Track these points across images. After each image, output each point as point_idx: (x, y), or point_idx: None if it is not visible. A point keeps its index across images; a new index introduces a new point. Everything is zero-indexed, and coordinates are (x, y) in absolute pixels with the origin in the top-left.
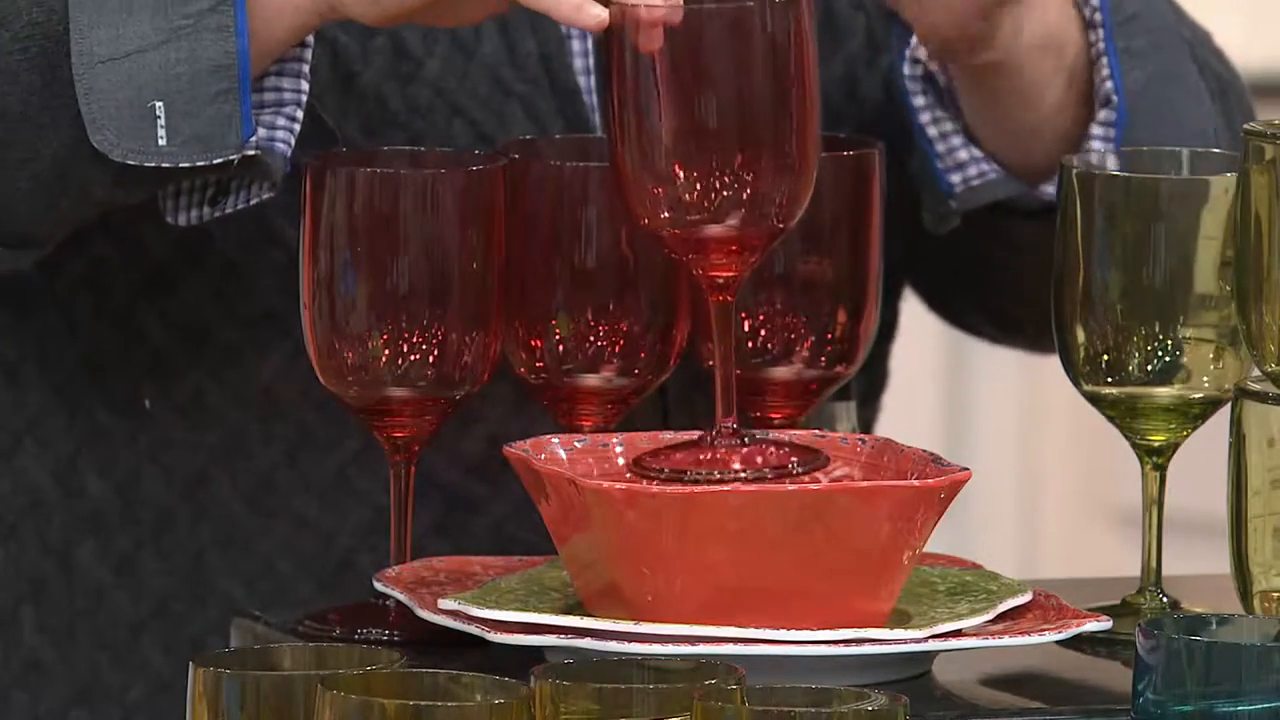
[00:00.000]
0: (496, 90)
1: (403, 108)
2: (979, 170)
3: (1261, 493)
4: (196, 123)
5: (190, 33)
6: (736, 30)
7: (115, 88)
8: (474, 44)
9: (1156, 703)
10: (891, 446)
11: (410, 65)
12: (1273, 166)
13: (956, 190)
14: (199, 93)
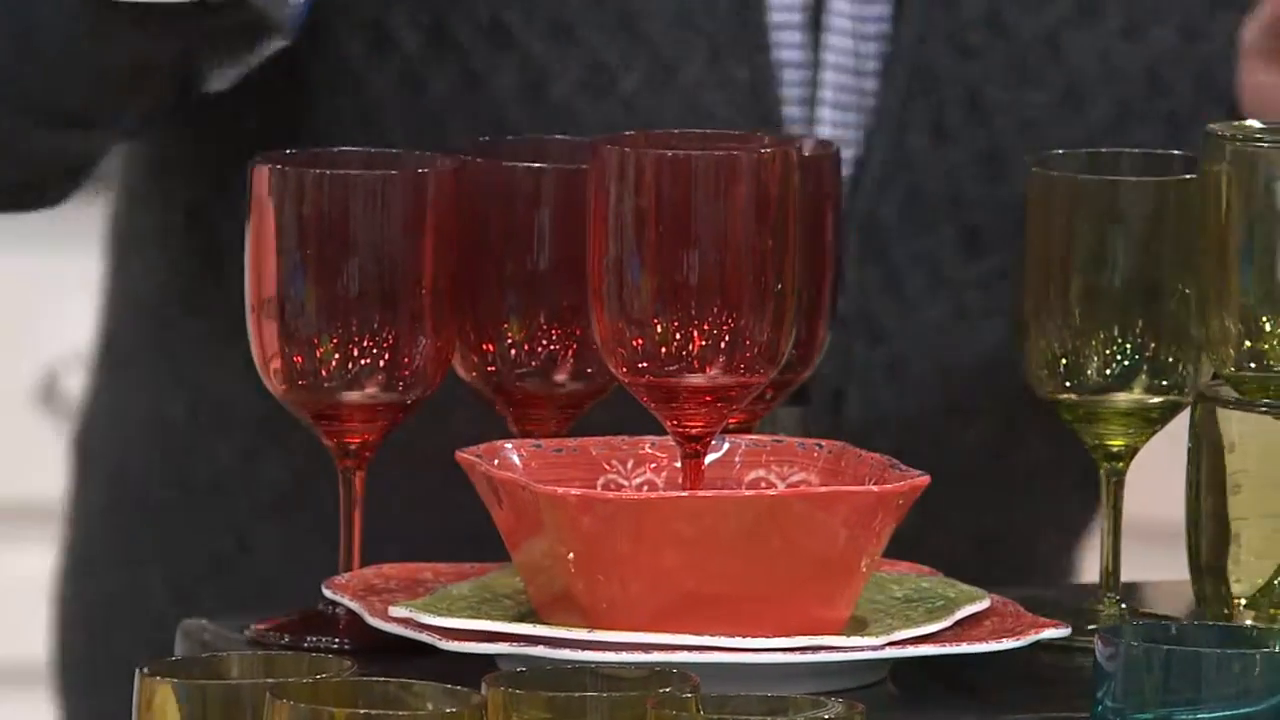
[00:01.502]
0: (694, 115)
1: (593, 124)
2: None
3: (1212, 493)
4: None
5: None
6: (724, 178)
7: None
8: (676, 65)
9: (1115, 710)
10: (849, 452)
11: (604, 79)
12: (1234, 168)
13: None
14: None
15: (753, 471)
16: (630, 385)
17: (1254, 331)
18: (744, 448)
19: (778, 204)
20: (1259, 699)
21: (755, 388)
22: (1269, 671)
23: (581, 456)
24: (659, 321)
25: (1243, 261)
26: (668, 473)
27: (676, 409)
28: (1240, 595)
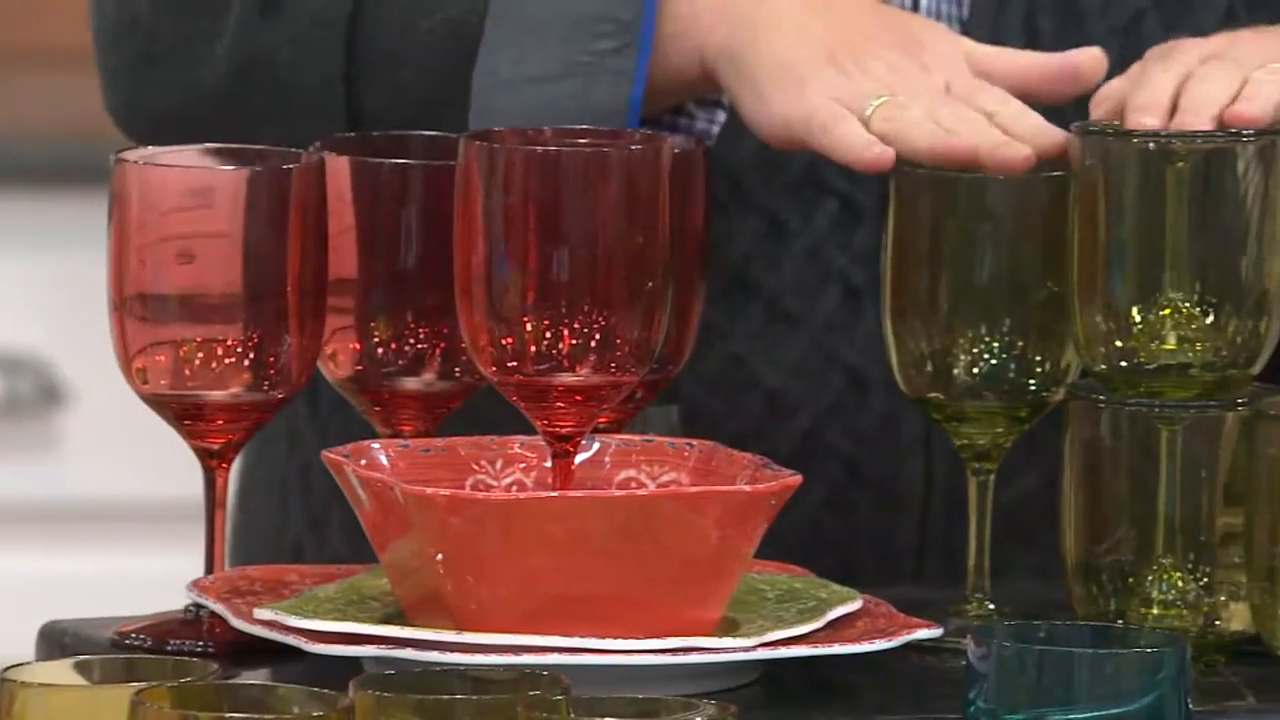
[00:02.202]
0: None
1: None
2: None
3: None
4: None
5: (589, 70)
6: (594, 175)
7: (507, 115)
8: None
9: (987, 711)
10: (720, 451)
11: None
12: (1103, 166)
13: None
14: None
15: (623, 471)
16: (500, 385)
17: (1124, 329)
18: (614, 447)
19: (648, 201)
20: (1131, 699)
21: (626, 387)
22: (1141, 672)
23: (450, 456)
24: (529, 320)
25: (1113, 259)
26: (537, 473)
27: (546, 408)
28: (1112, 594)
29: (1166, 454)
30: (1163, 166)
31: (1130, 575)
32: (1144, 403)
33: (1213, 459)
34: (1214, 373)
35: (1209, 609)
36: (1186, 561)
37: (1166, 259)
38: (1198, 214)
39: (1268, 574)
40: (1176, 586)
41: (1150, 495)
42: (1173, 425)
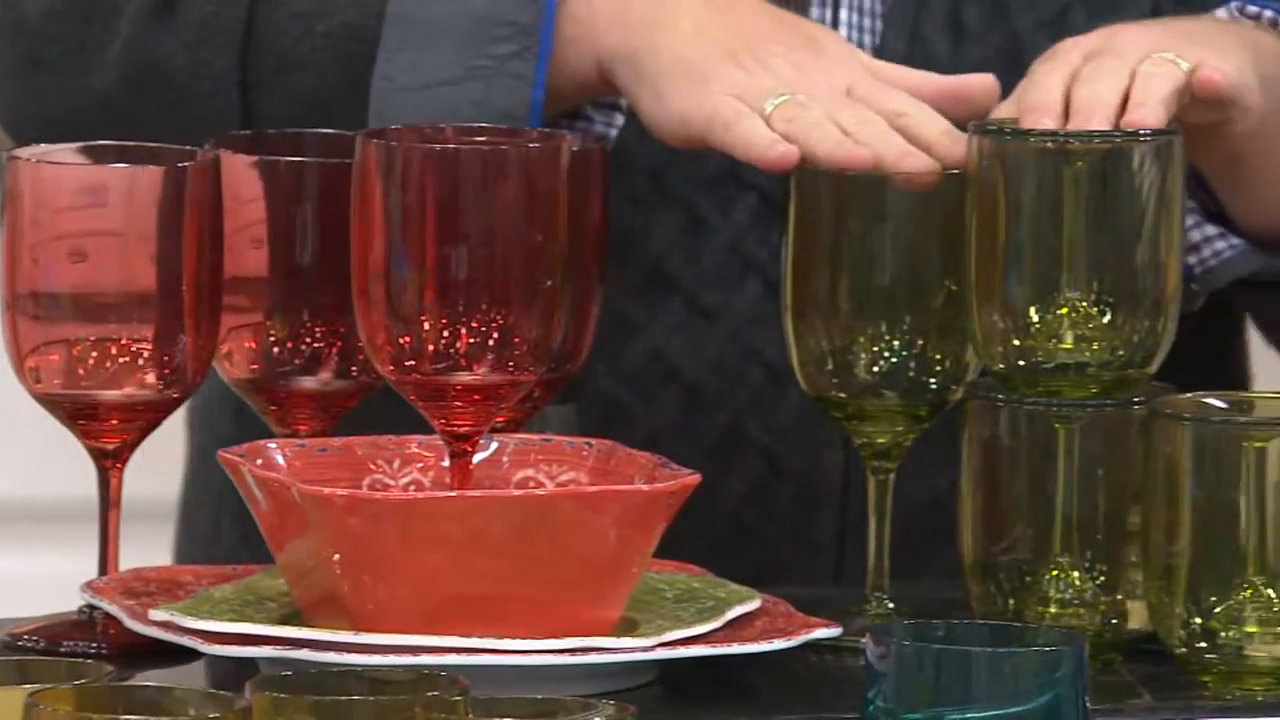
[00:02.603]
0: None
1: None
2: (1213, 250)
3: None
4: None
5: (488, 74)
6: (492, 173)
7: (405, 120)
8: None
9: (886, 710)
10: (619, 451)
11: None
12: (1000, 166)
13: (1195, 272)
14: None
15: (521, 471)
16: (397, 384)
17: (1022, 329)
18: (512, 447)
19: (546, 199)
20: (1029, 698)
21: (524, 386)
22: (1039, 670)
23: (346, 456)
24: (426, 319)
25: (1010, 259)
26: (435, 472)
27: (444, 408)
28: (1010, 593)
29: (1064, 453)
30: (1059, 166)
31: (1028, 574)
32: (1042, 402)
33: (1110, 458)
34: (1111, 372)
35: (1106, 607)
36: (1084, 560)
37: (1064, 259)
38: (1095, 214)
39: (1164, 573)
40: (1074, 585)
41: (1048, 494)
42: (1070, 424)
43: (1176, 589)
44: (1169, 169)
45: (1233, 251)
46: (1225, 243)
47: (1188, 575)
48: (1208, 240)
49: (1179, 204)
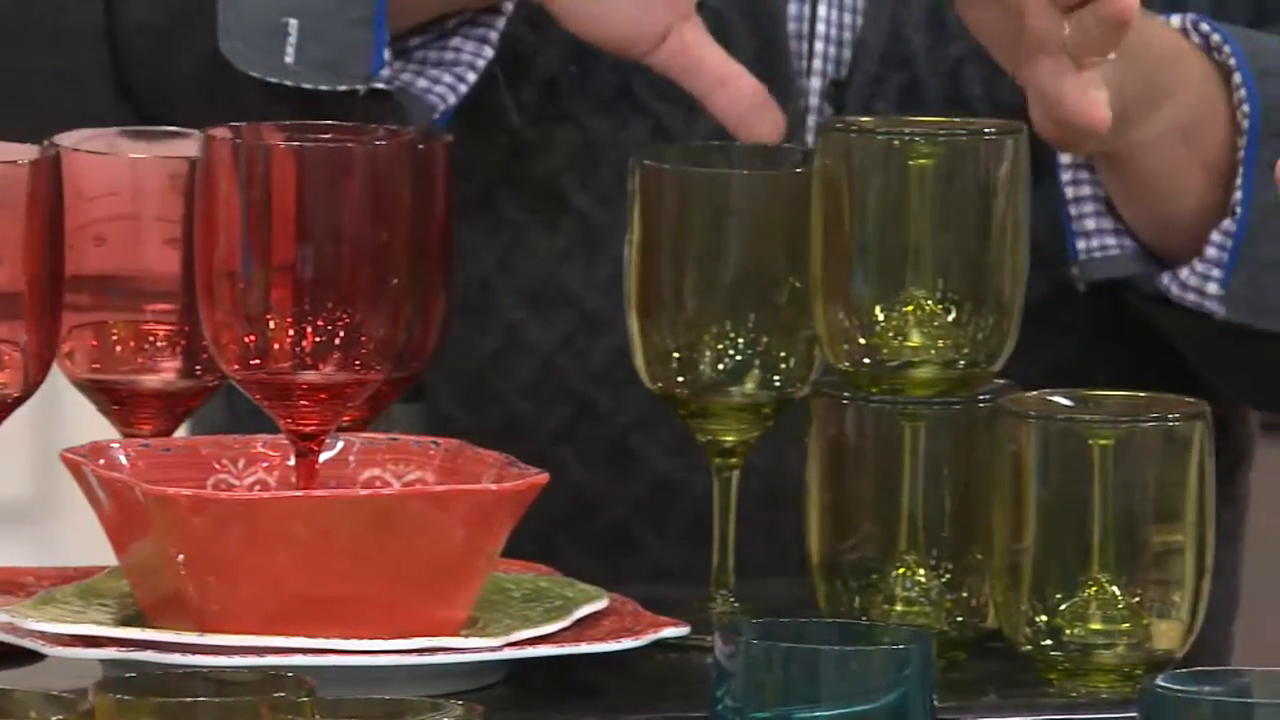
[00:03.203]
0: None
1: None
2: (1101, 243)
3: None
4: (326, 47)
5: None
6: (338, 170)
7: (254, 17)
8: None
9: (734, 709)
10: (467, 450)
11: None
12: (846, 163)
13: (1080, 257)
14: (334, 17)
15: (368, 470)
16: (242, 383)
17: (867, 326)
18: (359, 446)
19: (392, 196)
20: (877, 696)
21: (371, 385)
22: (886, 669)
23: (190, 455)
24: (272, 317)
25: (856, 256)
26: (280, 472)
27: (290, 407)
28: (857, 591)
29: (910, 451)
30: (905, 163)
31: (874, 572)
32: (888, 400)
33: (956, 456)
34: (957, 370)
35: (952, 605)
36: (930, 558)
37: (909, 256)
38: (940, 211)
39: (1010, 570)
40: (920, 583)
41: (894, 492)
42: (916, 422)
43: (1022, 586)
44: (1014, 166)
45: (1119, 251)
46: (1116, 240)
47: (1033, 573)
48: (1100, 232)
49: (1024, 201)
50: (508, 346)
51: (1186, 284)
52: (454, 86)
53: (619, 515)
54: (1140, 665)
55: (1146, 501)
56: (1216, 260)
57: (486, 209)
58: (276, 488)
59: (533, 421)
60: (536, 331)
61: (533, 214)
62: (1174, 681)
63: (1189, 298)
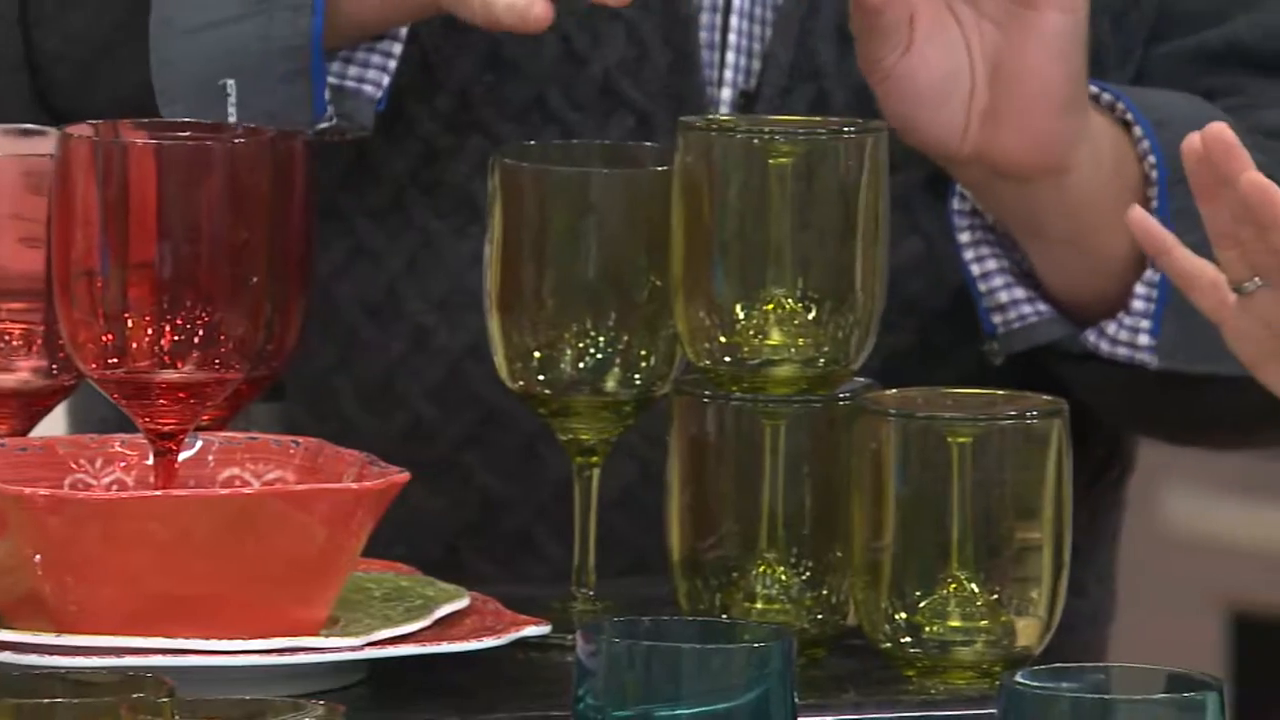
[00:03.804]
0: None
1: None
2: (1019, 313)
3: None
4: (267, 100)
5: (266, 9)
6: (197, 168)
7: (188, 61)
8: None
9: (596, 708)
10: (326, 449)
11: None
12: (707, 161)
13: (998, 331)
14: (270, 71)
15: (227, 470)
16: (100, 382)
17: (728, 325)
18: (218, 445)
19: (251, 195)
20: (738, 694)
21: (231, 384)
22: (747, 666)
23: (47, 455)
24: (130, 316)
25: (717, 255)
26: (138, 471)
27: (149, 406)
28: (717, 589)
29: (770, 449)
30: (765, 162)
31: (735, 570)
32: (748, 398)
33: (816, 454)
34: (817, 368)
35: (812, 603)
36: (790, 556)
37: (769, 255)
38: (800, 210)
39: (870, 568)
40: (780, 581)
41: (755, 490)
42: (776, 420)
43: (881, 584)
44: (873, 165)
45: (1037, 318)
46: (1031, 308)
47: (892, 570)
48: (1015, 303)
49: (883, 200)
50: (415, 351)
51: (1116, 339)
52: (384, 66)
53: (523, 520)
54: (999, 662)
55: (1005, 499)
56: (1144, 311)
57: (396, 214)
58: (135, 487)
59: (439, 426)
60: (444, 336)
61: (442, 220)
62: (1032, 678)
63: (1120, 352)
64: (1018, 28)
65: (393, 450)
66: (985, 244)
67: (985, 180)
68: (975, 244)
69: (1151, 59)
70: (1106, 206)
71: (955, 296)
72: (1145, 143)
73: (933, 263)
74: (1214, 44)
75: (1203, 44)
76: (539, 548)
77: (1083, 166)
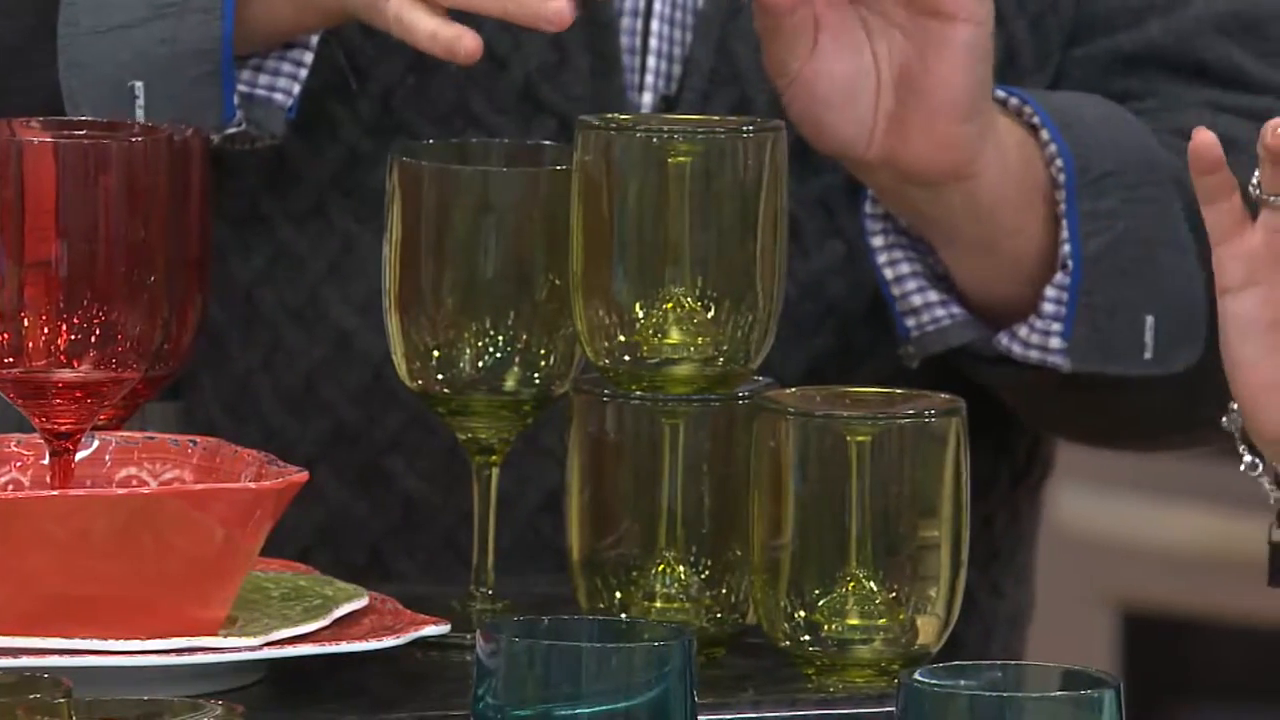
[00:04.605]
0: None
1: None
2: (932, 316)
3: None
4: (175, 105)
5: (176, 12)
6: (94, 167)
7: (96, 62)
8: None
9: (495, 707)
10: (225, 448)
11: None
12: (606, 160)
13: (912, 334)
14: (179, 75)
15: (124, 469)
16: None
17: (627, 324)
18: (115, 445)
19: (148, 193)
20: (638, 693)
21: (128, 383)
22: (647, 665)
23: None
24: (26, 315)
25: (616, 254)
26: (35, 471)
27: (45, 405)
28: (617, 588)
29: (669, 448)
30: (664, 161)
31: (634, 569)
32: (648, 397)
33: (716, 453)
34: (716, 367)
35: (711, 602)
36: (690, 555)
37: (668, 254)
38: (699, 209)
39: (769, 566)
40: (680, 580)
41: (654, 489)
42: (675, 419)
43: (780, 583)
44: (772, 165)
45: (950, 321)
46: (945, 310)
47: (791, 569)
48: (928, 306)
49: (783, 199)
50: (337, 354)
51: (1028, 341)
52: (295, 75)
53: (447, 523)
54: (897, 660)
55: (903, 497)
56: (1055, 315)
57: (318, 217)
58: (31, 487)
59: (362, 430)
60: (367, 340)
61: (364, 224)
62: (930, 676)
63: (1032, 355)
64: (924, 37)
65: (316, 454)
66: (899, 247)
67: (894, 185)
68: (889, 247)
69: (1068, 62)
70: (1014, 210)
71: (876, 299)
72: (1053, 146)
73: (853, 266)
74: (1128, 47)
75: (1118, 47)
76: (463, 551)
77: (990, 171)
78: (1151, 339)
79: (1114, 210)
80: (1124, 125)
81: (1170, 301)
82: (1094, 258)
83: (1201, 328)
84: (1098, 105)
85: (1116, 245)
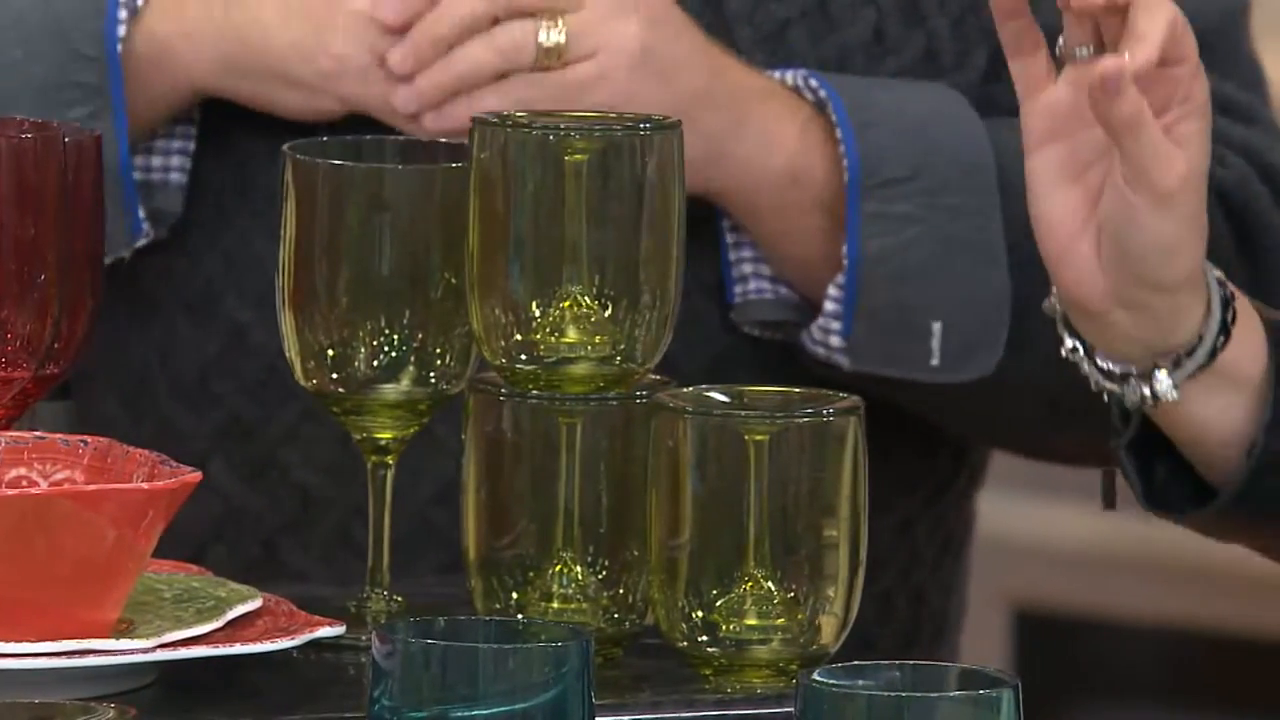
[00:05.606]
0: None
1: None
2: (757, 287)
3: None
4: None
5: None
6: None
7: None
8: None
9: (391, 709)
10: (116, 448)
11: None
12: (502, 157)
13: (736, 300)
14: None
15: (14, 470)
16: None
17: (523, 322)
18: (4, 445)
19: (39, 192)
20: (535, 694)
21: (17, 382)
22: (544, 666)
23: None
24: None
25: (512, 252)
26: None
27: None
28: (514, 588)
29: (566, 447)
30: (560, 158)
31: (531, 569)
32: (545, 396)
33: (613, 452)
34: (613, 366)
35: (609, 602)
36: (587, 555)
37: (565, 252)
38: (595, 207)
39: (667, 566)
40: (577, 580)
41: (551, 489)
42: (572, 418)
43: (678, 583)
44: (669, 162)
45: (773, 296)
46: (771, 286)
47: (689, 569)
48: (757, 276)
49: (680, 197)
50: (232, 348)
51: (815, 338)
52: (185, 149)
53: (341, 517)
54: (795, 660)
55: (801, 497)
56: (835, 314)
57: (215, 211)
58: None
59: (257, 424)
60: (261, 334)
61: (257, 217)
62: (829, 676)
63: (819, 351)
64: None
65: (211, 448)
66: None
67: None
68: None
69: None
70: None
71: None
72: (842, 147)
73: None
74: None
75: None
76: (358, 545)
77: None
78: (939, 345)
79: (907, 215)
80: (956, 127)
81: (967, 309)
82: (874, 259)
83: (1001, 338)
84: (935, 104)
85: (905, 249)
